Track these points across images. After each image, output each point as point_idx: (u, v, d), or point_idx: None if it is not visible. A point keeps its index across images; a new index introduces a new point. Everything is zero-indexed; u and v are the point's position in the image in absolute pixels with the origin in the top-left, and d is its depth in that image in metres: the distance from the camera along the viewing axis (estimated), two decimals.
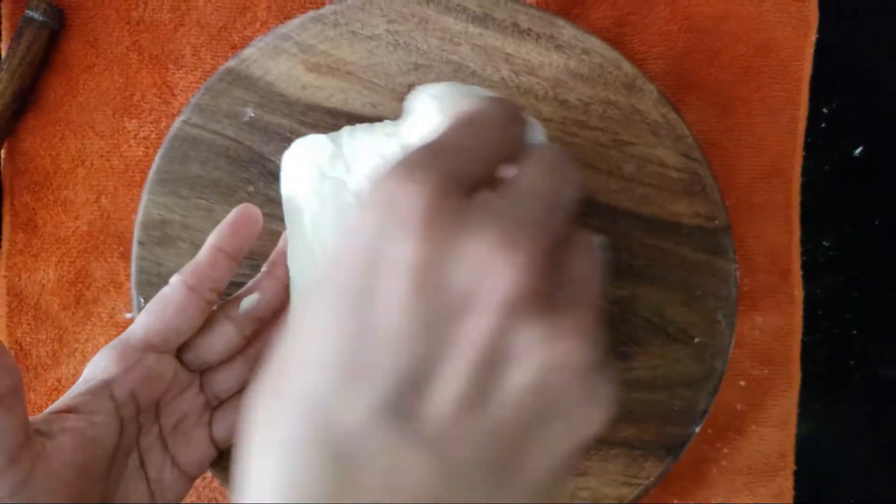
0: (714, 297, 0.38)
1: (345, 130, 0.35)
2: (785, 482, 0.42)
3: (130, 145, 0.42)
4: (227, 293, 0.35)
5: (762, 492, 0.42)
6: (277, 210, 0.36)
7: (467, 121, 0.21)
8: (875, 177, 0.43)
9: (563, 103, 0.38)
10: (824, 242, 0.43)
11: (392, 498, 0.17)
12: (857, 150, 0.43)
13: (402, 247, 0.18)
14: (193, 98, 0.38)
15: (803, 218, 0.42)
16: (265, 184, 0.38)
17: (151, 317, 0.32)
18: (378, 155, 0.33)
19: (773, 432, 0.42)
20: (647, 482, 0.38)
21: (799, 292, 0.42)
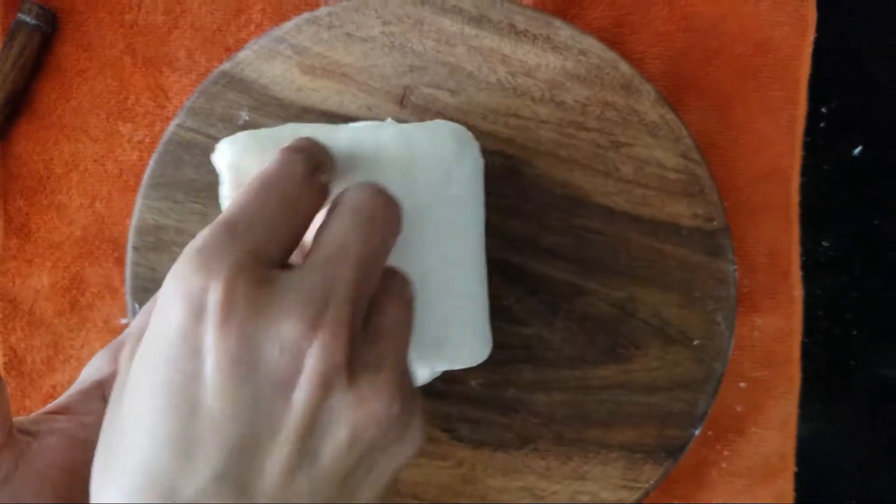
0: (713, 298, 0.38)
1: (288, 127, 0.30)
2: (786, 484, 0.42)
3: (124, 149, 0.42)
4: None
5: (763, 494, 0.42)
6: None
7: (260, 187, 0.21)
8: (874, 176, 0.43)
9: (561, 105, 0.37)
10: (824, 242, 0.43)
11: None
12: (857, 150, 0.43)
13: (213, 336, 0.19)
14: (188, 101, 0.38)
15: (802, 218, 0.42)
16: None
17: (147, 317, 0.32)
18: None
19: (773, 434, 0.42)
20: (646, 485, 0.37)
21: (799, 293, 0.42)
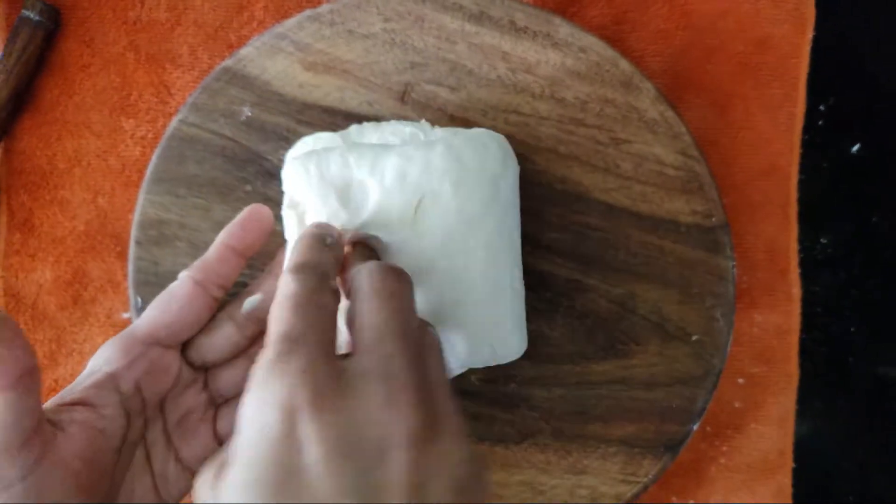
0: (712, 294, 0.38)
1: (353, 129, 0.35)
2: (784, 480, 0.42)
3: (127, 145, 0.42)
4: (230, 294, 0.35)
5: (761, 490, 0.42)
6: (276, 210, 0.36)
7: (290, 305, 0.25)
8: (872, 174, 0.43)
9: (560, 101, 0.38)
10: (822, 240, 0.43)
11: None
12: (855, 148, 0.43)
13: (311, 428, 0.22)
14: (190, 97, 0.38)
15: (801, 215, 0.42)
16: (262, 183, 0.38)
17: (157, 311, 0.32)
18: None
19: (771, 430, 0.42)
20: (645, 480, 0.38)
21: (797, 290, 0.42)
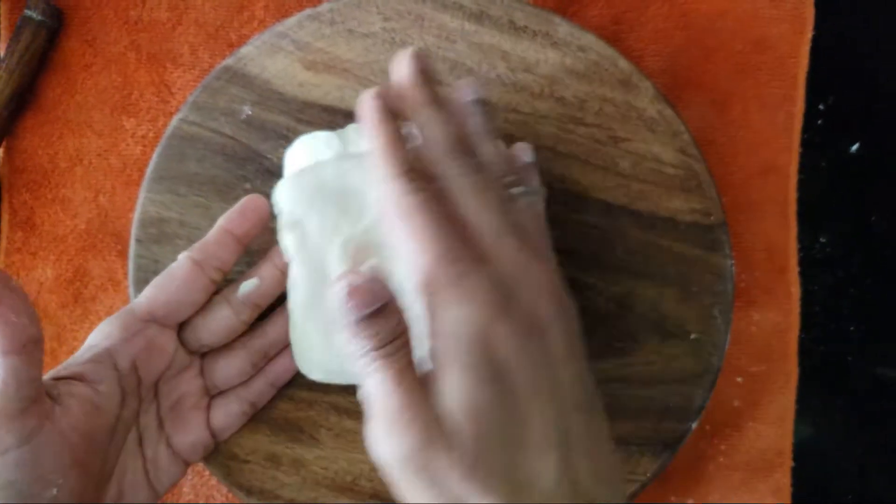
0: (710, 292, 0.38)
1: (350, 128, 0.35)
2: (783, 479, 0.42)
3: (128, 144, 0.42)
4: (227, 281, 0.35)
5: (760, 488, 0.42)
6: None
7: (434, 215, 0.25)
8: (871, 173, 0.43)
9: (560, 100, 0.38)
10: (821, 239, 0.43)
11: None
12: (854, 147, 0.43)
13: (501, 330, 0.25)
14: (191, 96, 0.38)
15: (800, 215, 0.42)
16: (262, 181, 0.38)
17: (156, 289, 0.33)
18: None
19: (770, 429, 0.42)
20: (643, 478, 0.38)
21: (796, 289, 0.42)
